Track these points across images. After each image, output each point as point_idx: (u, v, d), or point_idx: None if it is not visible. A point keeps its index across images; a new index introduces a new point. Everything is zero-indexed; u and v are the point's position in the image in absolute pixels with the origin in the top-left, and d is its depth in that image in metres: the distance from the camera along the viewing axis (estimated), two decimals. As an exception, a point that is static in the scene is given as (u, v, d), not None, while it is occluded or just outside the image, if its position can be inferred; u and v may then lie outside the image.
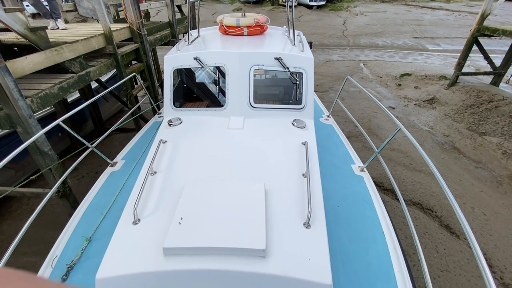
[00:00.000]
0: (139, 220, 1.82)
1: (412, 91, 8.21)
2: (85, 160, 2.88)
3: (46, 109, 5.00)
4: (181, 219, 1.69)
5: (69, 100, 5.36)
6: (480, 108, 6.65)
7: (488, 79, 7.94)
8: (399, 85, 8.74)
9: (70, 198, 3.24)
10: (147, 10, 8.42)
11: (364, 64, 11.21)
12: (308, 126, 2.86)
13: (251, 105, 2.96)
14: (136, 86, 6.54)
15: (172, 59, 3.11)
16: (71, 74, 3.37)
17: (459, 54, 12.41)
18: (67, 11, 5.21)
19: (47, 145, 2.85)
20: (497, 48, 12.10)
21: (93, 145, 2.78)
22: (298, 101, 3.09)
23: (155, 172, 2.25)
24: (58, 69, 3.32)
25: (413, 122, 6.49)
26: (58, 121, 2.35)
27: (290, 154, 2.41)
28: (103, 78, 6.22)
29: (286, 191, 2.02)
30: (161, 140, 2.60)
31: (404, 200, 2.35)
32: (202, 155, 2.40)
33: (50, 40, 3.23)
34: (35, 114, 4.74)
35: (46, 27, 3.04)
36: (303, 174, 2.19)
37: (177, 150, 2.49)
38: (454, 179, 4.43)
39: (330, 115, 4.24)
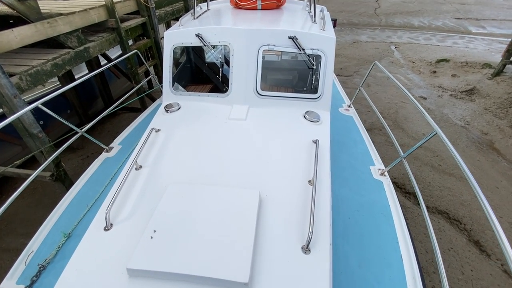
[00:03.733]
0: (111, 225, 1.57)
1: (449, 79, 7.30)
2: (93, 136, 2.69)
3: (53, 85, 4.89)
4: (154, 232, 1.42)
5: (76, 76, 5.21)
6: (529, 103, 5.76)
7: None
8: (434, 72, 7.81)
9: (66, 182, 3.11)
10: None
11: (395, 47, 10.16)
12: (323, 120, 2.44)
13: (258, 93, 2.58)
14: (147, 61, 6.28)
15: (172, 36, 2.75)
16: (68, 49, 3.12)
17: (507, 39, 10.94)
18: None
19: (36, 127, 2.67)
20: (556, 32, 10.48)
21: (83, 130, 2.56)
22: (314, 89, 2.65)
23: (140, 167, 1.99)
24: (54, 44, 3.09)
25: (447, 116, 5.76)
26: (38, 103, 2.12)
27: (296, 155, 2.05)
28: (113, 55, 5.99)
29: (286, 203, 1.68)
30: (153, 128, 2.32)
31: (429, 208, 1.95)
32: (194, 149, 2.10)
33: (44, 11, 2.96)
34: (40, 90, 4.67)
35: (36, -5, 2.76)
36: (309, 181, 1.84)
37: (168, 141, 2.20)
38: (489, 186, 3.85)
39: (352, 105, 3.74)
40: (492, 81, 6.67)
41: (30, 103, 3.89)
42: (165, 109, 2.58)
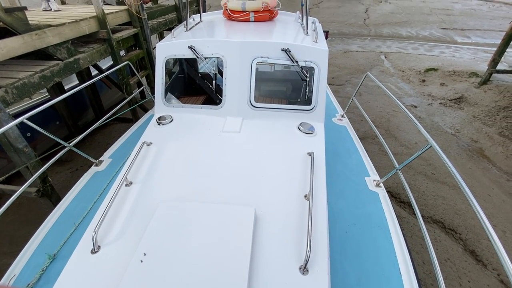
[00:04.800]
0: (99, 247, 1.49)
1: (438, 88, 7.47)
2: (82, 149, 2.60)
3: (42, 96, 4.78)
4: (144, 255, 1.35)
5: (66, 87, 5.10)
6: (516, 111, 5.92)
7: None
8: (423, 80, 7.99)
9: (52, 197, 2.99)
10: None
11: (385, 56, 10.40)
12: (317, 132, 2.43)
13: (252, 105, 2.55)
14: (139, 72, 6.23)
15: (165, 48, 2.72)
16: (57, 61, 3.05)
17: (491, 48, 11.34)
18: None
19: (22, 141, 2.57)
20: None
21: (71, 144, 2.48)
22: (307, 100, 2.65)
23: (131, 183, 1.91)
24: (42, 55, 3.01)
25: (437, 124, 5.86)
26: (23, 118, 2.04)
27: (292, 168, 2.01)
28: (104, 65, 5.92)
29: (282, 220, 1.64)
30: (144, 142, 2.26)
31: (424, 217, 1.93)
32: (187, 164, 2.05)
33: (33, 22, 2.90)
34: (29, 101, 4.54)
35: (25, 8, 2.70)
36: (305, 196, 1.80)
37: (160, 156, 2.14)
38: (482, 194, 3.89)
39: (345, 115, 3.75)
40: (480, 89, 6.86)
41: (16, 116, 3.78)
42: (157, 122, 2.53)
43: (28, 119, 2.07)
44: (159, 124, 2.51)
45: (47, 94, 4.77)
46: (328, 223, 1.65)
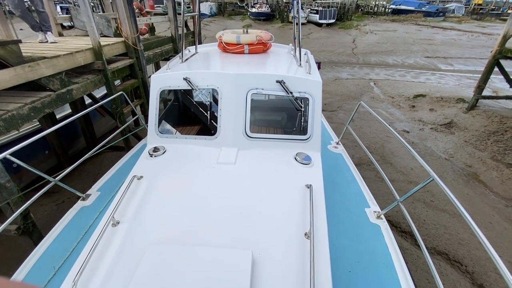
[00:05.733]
0: None
1: (427, 113, 7.67)
2: (71, 179, 2.46)
3: (33, 125, 4.67)
4: None
5: (58, 116, 5.03)
6: (505, 135, 6.05)
7: (509, 102, 7.38)
8: (413, 106, 8.22)
9: (34, 235, 2.78)
10: (152, 24, 8.29)
11: (374, 83, 10.77)
12: (314, 162, 2.37)
13: (247, 135, 2.51)
14: (134, 101, 6.23)
15: (159, 79, 2.71)
16: (49, 92, 3.01)
17: (474, 75, 11.92)
18: (62, 25, 4.99)
19: (4, 176, 2.43)
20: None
21: (57, 178, 2.35)
22: (303, 130, 2.62)
23: (118, 223, 1.78)
24: (34, 86, 2.97)
25: (431, 149, 5.91)
26: (6, 153, 1.93)
27: (290, 203, 1.92)
28: (98, 92, 5.92)
29: (282, 263, 1.51)
30: (135, 176, 2.16)
31: (428, 248, 1.82)
32: (179, 201, 1.93)
33: (27, 54, 2.90)
34: (20, 130, 4.42)
35: (20, 41, 2.71)
36: (305, 234, 1.69)
37: (151, 191, 2.03)
38: (483, 222, 3.81)
39: (340, 142, 3.74)
40: (468, 114, 7.06)
41: (1, 147, 3.64)
42: (149, 153, 2.44)
43: (12, 155, 1.96)
44: (151, 156, 2.42)
45: (38, 123, 4.67)
46: (331, 264, 1.53)
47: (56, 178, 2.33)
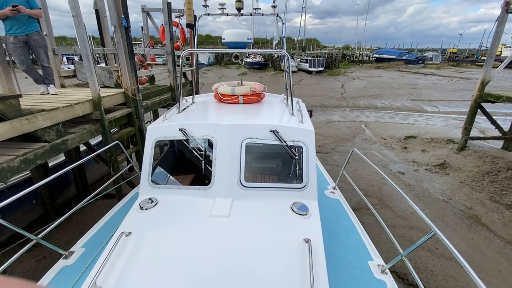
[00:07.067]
0: None
1: (420, 154, 7.80)
2: (56, 230, 2.28)
3: (22, 174, 4.57)
4: None
5: (50, 164, 4.96)
6: (499, 176, 6.09)
7: (497, 142, 7.61)
8: (405, 147, 8.39)
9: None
10: (152, 75, 8.76)
11: (365, 126, 11.14)
12: (311, 212, 2.30)
13: (242, 184, 2.47)
14: (130, 147, 6.24)
15: (155, 130, 2.75)
16: (43, 143, 3.01)
17: (458, 116, 12.49)
18: (65, 77, 5.23)
19: (-17, 234, 2.27)
20: (495, 110, 12.15)
21: (39, 236, 2.20)
22: (298, 178, 2.60)
23: (100, 289, 1.62)
24: (30, 137, 2.98)
25: (428, 191, 5.86)
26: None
27: (288, 261, 1.80)
28: (93, 140, 5.95)
29: None
30: (123, 232, 2.04)
31: None
32: (168, 261, 1.80)
33: (26, 107, 2.96)
34: (10, 180, 4.30)
35: (20, 95, 2.79)
36: (306, 297, 1.55)
37: (138, 251, 1.89)
38: (492, 271, 3.59)
39: (337, 187, 3.70)
40: (459, 155, 7.18)
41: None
42: (140, 206, 2.35)
43: None
44: (141, 209, 2.33)
45: (28, 171, 4.57)
46: None
47: (39, 236, 2.18)
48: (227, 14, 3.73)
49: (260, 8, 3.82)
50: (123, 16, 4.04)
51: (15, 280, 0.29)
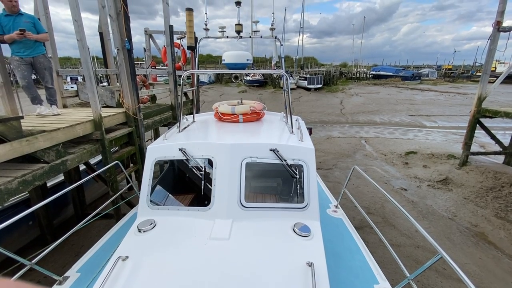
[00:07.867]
0: None
1: (422, 170, 7.74)
2: (52, 253, 2.23)
3: (19, 195, 4.51)
4: None
5: (49, 184, 4.92)
6: (503, 191, 6.01)
7: (498, 157, 7.59)
8: (406, 163, 8.34)
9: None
10: (154, 94, 8.90)
11: (366, 141, 11.16)
12: (314, 233, 2.24)
13: (242, 205, 2.42)
14: (130, 166, 6.21)
15: (155, 150, 2.75)
16: (42, 164, 3.00)
17: (458, 130, 12.54)
18: (68, 97, 5.32)
19: (-25, 260, 2.20)
20: (494, 124, 12.20)
21: (34, 261, 2.14)
22: (299, 197, 2.56)
23: (94, 319, 1.55)
24: (29, 158, 2.97)
25: (432, 208, 5.76)
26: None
27: (290, 287, 1.73)
28: (93, 159, 5.93)
29: None
30: (119, 257, 1.98)
31: None
32: (166, 287, 1.73)
33: (28, 128, 2.98)
34: (7, 202, 4.25)
35: (22, 117, 2.82)
36: (310, 326, 1.47)
37: (135, 276, 1.83)
38: (505, 292, 3.45)
39: (339, 205, 3.63)
40: (461, 170, 7.13)
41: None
42: (138, 229, 2.30)
43: None
44: (139, 231, 2.28)
45: (26, 192, 4.52)
46: None
47: (33, 261, 2.12)
48: (227, 37, 3.85)
49: (259, 31, 3.94)
50: (126, 39, 4.16)
51: (13, 283, 0.30)
